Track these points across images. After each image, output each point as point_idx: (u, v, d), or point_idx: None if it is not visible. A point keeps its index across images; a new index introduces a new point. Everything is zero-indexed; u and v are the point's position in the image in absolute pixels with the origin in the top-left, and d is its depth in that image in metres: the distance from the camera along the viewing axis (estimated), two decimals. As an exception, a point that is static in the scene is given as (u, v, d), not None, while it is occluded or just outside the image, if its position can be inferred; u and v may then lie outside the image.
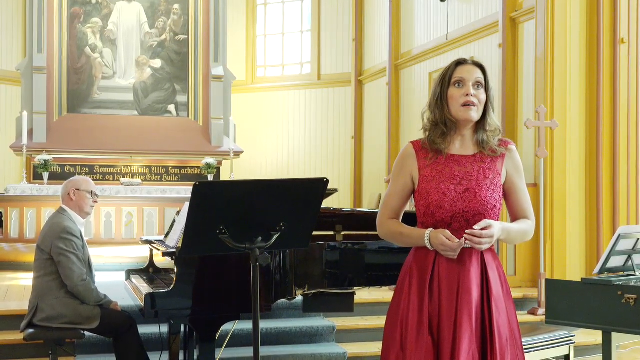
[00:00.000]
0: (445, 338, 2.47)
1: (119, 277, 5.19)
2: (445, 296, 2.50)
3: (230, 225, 2.64)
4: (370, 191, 12.34)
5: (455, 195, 2.51)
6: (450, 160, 2.56)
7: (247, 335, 5.10)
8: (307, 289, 3.85)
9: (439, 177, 2.53)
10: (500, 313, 2.52)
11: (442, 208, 2.51)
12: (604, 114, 7.05)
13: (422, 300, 2.51)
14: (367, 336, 5.75)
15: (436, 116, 2.57)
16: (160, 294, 3.55)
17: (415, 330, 2.50)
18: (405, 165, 2.62)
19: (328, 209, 4.07)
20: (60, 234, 4.28)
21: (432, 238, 2.49)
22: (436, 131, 2.56)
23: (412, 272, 2.57)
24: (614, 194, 7.04)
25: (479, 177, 2.54)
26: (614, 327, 3.90)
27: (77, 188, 4.46)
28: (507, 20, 8.14)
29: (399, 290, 2.61)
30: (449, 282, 2.50)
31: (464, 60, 2.61)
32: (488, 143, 2.57)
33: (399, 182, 2.63)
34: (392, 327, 2.61)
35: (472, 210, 2.50)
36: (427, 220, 2.55)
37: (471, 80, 2.54)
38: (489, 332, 2.49)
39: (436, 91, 2.59)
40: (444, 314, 2.49)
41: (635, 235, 4.14)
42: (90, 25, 12.50)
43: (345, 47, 13.21)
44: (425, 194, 2.54)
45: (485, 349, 2.48)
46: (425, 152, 2.59)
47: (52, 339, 4.27)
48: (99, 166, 12.23)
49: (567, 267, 6.94)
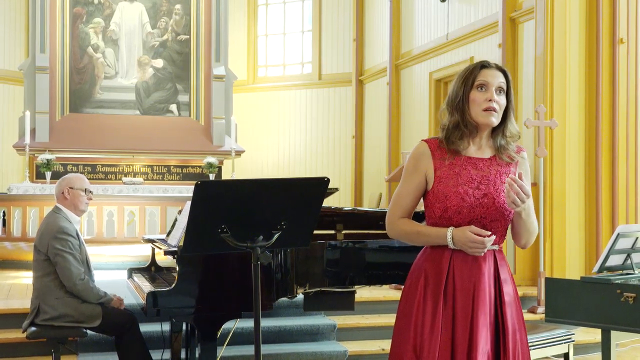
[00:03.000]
0: (460, 338, 2.46)
1: (121, 275, 5.21)
2: (460, 296, 2.48)
3: (232, 224, 2.65)
4: (370, 190, 12.35)
5: (473, 200, 2.48)
6: (467, 162, 2.53)
7: (249, 333, 5.12)
8: (308, 287, 3.86)
9: (456, 179, 2.50)
10: (512, 312, 2.53)
11: (460, 214, 2.48)
12: (603, 113, 7.06)
13: (436, 303, 2.49)
14: (368, 334, 5.77)
15: (457, 117, 2.52)
16: (162, 292, 3.55)
17: (429, 333, 2.47)
18: (419, 164, 2.56)
19: (329, 208, 4.08)
20: (55, 234, 4.26)
21: (456, 236, 2.46)
22: (456, 132, 2.53)
23: (427, 274, 2.54)
24: (613, 193, 7.06)
25: (496, 181, 2.52)
26: (613, 325, 3.90)
27: (70, 187, 4.43)
28: (506, 20, 8.16)
29: (411, 292, 2.57)
30: (465, 281, 2.49)
31: (488, 63, 2.55)
32: (506, 149, 2.56)
33: (412, 181, 2.58)
34: (404, 329, 2.55)
35: (489, 216, 2.49)
36: (442, 223, 2.51)
37: (494, 85, 2.51)
38: (502, 331, 2.50)
39: (458, 92, 2.53)
40: (459, 314, 2.47)
41: (634, 234, 4.14)
42: (93, 25, 12.52)
43: (345, 47, 13.23)
44: (443, 197, 2.50)
45: (498, 348, 2.50)
46: (442, 152, 2.54)
47: (55, 337, 4.26)
48: (101, 165, 12.26)
49: (566, 265, 6.96)
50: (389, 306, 6.05)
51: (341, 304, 4.39)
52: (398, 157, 11.06)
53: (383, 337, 5.73)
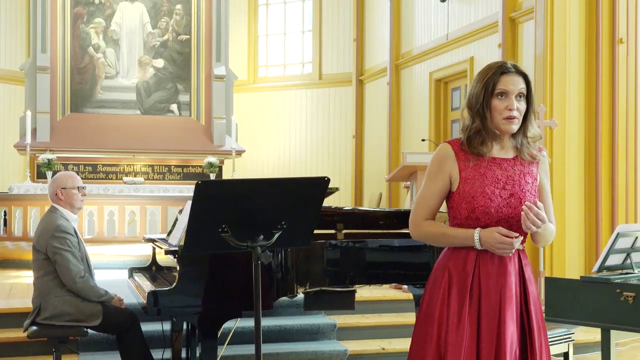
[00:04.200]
0: (486, 335, 2.47)
1: (121, 275, 5.22)
2: (486, 295, 2.49)
3: (232, 224, 2.66)
4: (370, 190, 12.37)
5: (501, 200, 2.50)
6: (492, 162, 2.54)
7: (249, 332, 5.13)
8: (309, 286, 3.86)
9: (482, 180, 2.51)
10: (536, 312, 2.56)
11: (488, 214, 2.49)
12: (603, 113, 7.07)
13: (462, 303, 2.50)
14: (368, 333, 5.78)
15: (478, 123, 2.52)
16: (162, 291, 3.55)
17: (454, 331, 2.48)
18: (443, 166, 2.57)
19: (329, 208, 4.09)
20: (53, 232, 4.25)
21: (483, 237, 2.47)
22: (477, 138, 2.53)
23: (451, 274, 2.54)
24: (612, 193, 7.07)
25: (521, 181, 2.54)
26: (613, 324, 3.90)
27: (62, 187, 4.43)
28: (506, 20, 8.18)
29: (435, 291, 2.56)
30: (491, 281, 2.50)
31: (507, 68, 2.52)
32: (528, 148, 2.57)
33: (437, 183, 2.58)
34: (427, 328, 2.54)
35: (516, 216, 2.50)
36: (469, 224, 2.52)
37: (515, 92, 2.50)
38: (527, 330, 2.52)
39: (478, 97, 2.52)
40: (485, 312, 2.49)
41: (634, 234, 4.14)
42: (94, 25, 12.54)
43: (346, 47, 13.24)
44: (470, 198, 2.51)
45: (524, 346, 2.52)
46: (465, 153, 2.55)
47: (56, 336, 4.26)
48: (102, 165, 12.28)
49: (566, 265, 6.97)
50: (389, 305, 6.06)
51: (341, 304, 4.41)
52: (398, 157, 11.07)
53: (383, 337, 5.75)
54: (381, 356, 5.46)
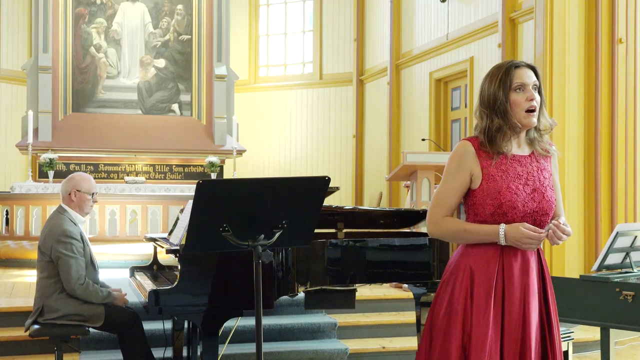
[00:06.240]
0: (510, 332, 2.50)
1: (123, 274, 5.24)
2: (510, 290, 2.52)
3: (233, 223, 2.67)
4: (371, 189, 12.39)
5: (525, 195, 2.53)
6: (512, 159, 2.57)
7: (250, 331, 5.15)
8: (309, 285, 3.87)
9: (506, 177, 2.54)
10: (554, 306, 2.61)
11: (515, 208, 2.51)
12: (602, 113, 7.08)
13: (487, 300, 2.51)
14: (369, 332, 5.80)
15: (499, 121, 2.54)
16: (163, 290, 3.56)
17: (480, 329, 2.49)
18: (464, 163, 2.58)
19: (330, 207, 4.11)
20: (59, 237, 4.25)
21: (509, 232, 2.48)
22: (499, 135, 2.55)
23: (472, 271, 2.55)
24: (612, 192, 7.08)
25: (540, 177, 2.59)
26: (612, 323, 3.92)
27: (78, 189, 4.42)
28: (506, 20, 8.20)
29: (455, 291, 2.56)
30: (515, 276, 2.52)
31: (518, 63, 2.59)
32: (540, 141, 2.61)
33: (457, 180, 2.59)
34: (449, 327, 2.53)
35: (540, 210, 2.55)
36: (495, 220, 2.53)
37: (530, 84, 2.55)
38: (546, 324, 2.57)
39: (497, 95, 2.55)
40: (509, 308, 2.51)
41: (633, 233, 4.15)
42: (95, 25, 12.56)
43: (346, 47, 13.26)
44: (496, 194, 2.52)
45: (545, 341, 2.56)
46: (486, 151, 2.57)
47: (57, 335, 4.27)
48: (103, 164, 12.31)
49: (565, 264, 6.97)
50: (389, 304, 6.08)
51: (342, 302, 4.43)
52: (398, 157, 11.10)
53: (384, 335, 5.77)
54: (381, 355, 5.48)
